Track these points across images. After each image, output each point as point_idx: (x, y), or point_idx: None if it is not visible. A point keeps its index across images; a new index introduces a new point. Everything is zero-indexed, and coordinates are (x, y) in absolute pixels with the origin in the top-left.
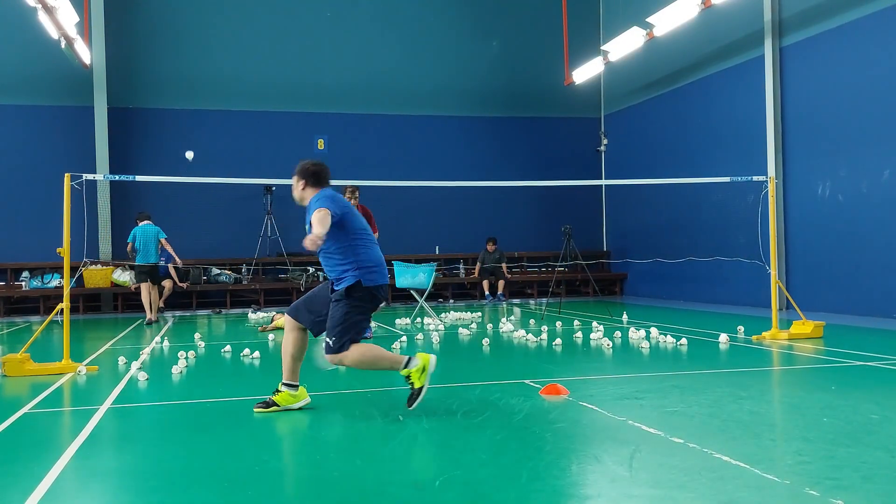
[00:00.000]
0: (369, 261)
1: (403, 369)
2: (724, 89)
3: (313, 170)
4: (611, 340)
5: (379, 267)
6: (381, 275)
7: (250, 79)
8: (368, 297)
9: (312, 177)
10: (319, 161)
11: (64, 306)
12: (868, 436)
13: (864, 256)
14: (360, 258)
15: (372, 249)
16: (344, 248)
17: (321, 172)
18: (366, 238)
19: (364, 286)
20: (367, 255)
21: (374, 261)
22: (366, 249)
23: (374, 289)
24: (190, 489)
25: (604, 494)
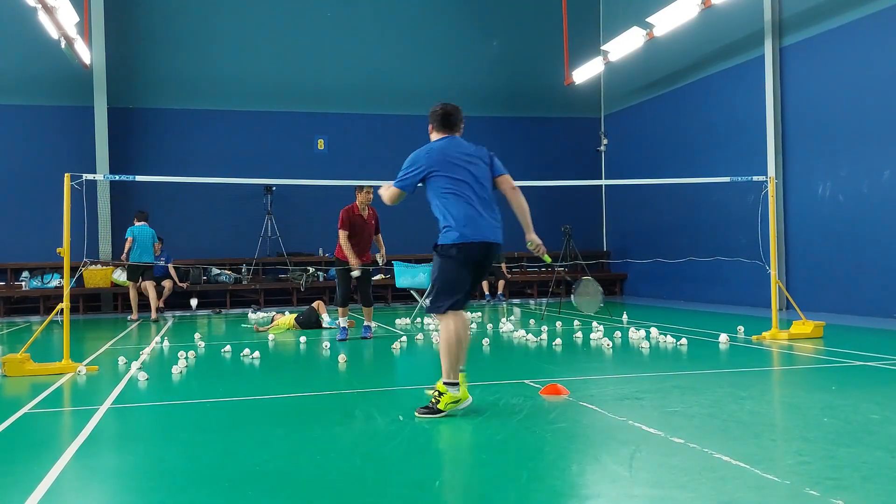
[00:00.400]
0: (455, 217)
1: (446, 381)
2: (725, 89)
3: (439, 111)
4: (611, 340)
5: (464, 222)
6: (471, 231)
7: (250, 79)
8: (455, 254)
9: (438, 119)
10: (450, 104)
11: (64, 306)
12: (868, 436)
13: (864, 256)
14: (448, 214)
15: (464, 204)
16: (434, 205)
17: (445, 115)
18: (455, 193)
19: (441, 243)
20: (454, 210)
21: (458, 216)
22: (455, 205)
23: (458, 246)
24: (190, 489)
25: (604, 494)
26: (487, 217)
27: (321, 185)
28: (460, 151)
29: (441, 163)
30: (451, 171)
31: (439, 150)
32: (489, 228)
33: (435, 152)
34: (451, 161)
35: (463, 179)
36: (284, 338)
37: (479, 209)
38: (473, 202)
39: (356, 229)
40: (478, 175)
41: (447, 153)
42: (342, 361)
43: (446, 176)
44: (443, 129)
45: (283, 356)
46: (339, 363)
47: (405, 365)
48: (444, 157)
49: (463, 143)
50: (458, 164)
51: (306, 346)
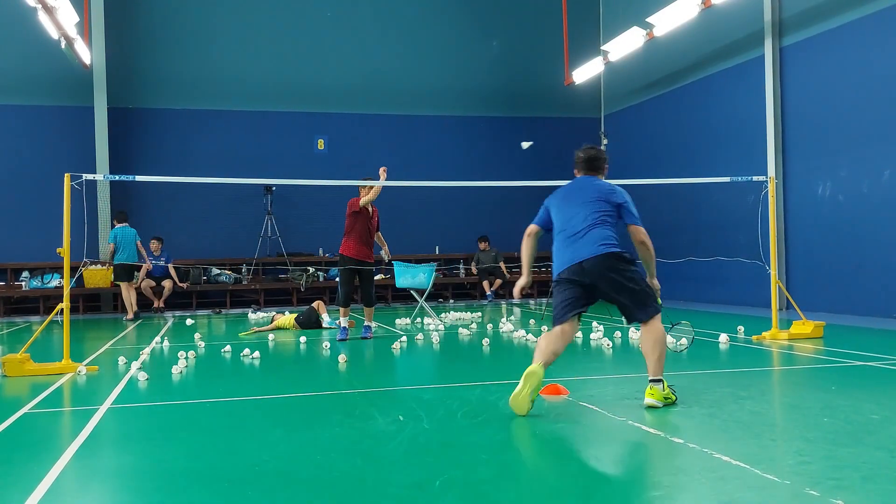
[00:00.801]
0: (554, 254)
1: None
2: (724, 89)
3: (581, 156)
4: (611, 340)
5: (557, 258)
6: (558, 265)
7: (250, 79)
8: (556, 284)
9: (579, 163)
10: (591, 147)
11: (64, 306)
12: (869, 436)
13: (864, 256)
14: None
15: (556, 243)
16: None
17: (579, 158)
18: (558, 233)
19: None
20: (554, 249)
21: (555, 254)
22: (556, 244)
23: (556, 280)
24: (190, 489)
25: (604, 494)
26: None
27: (321, 185)
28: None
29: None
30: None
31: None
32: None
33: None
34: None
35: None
36: (284, 337)
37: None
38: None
39: (360, 220)
40: (573, 211)
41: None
42: (342, 361)
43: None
44: (584, 171)
45: (283, 356)
46: (339, 363)
47: (405, 365)
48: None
49: (586, 181)
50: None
51: (306, 346)
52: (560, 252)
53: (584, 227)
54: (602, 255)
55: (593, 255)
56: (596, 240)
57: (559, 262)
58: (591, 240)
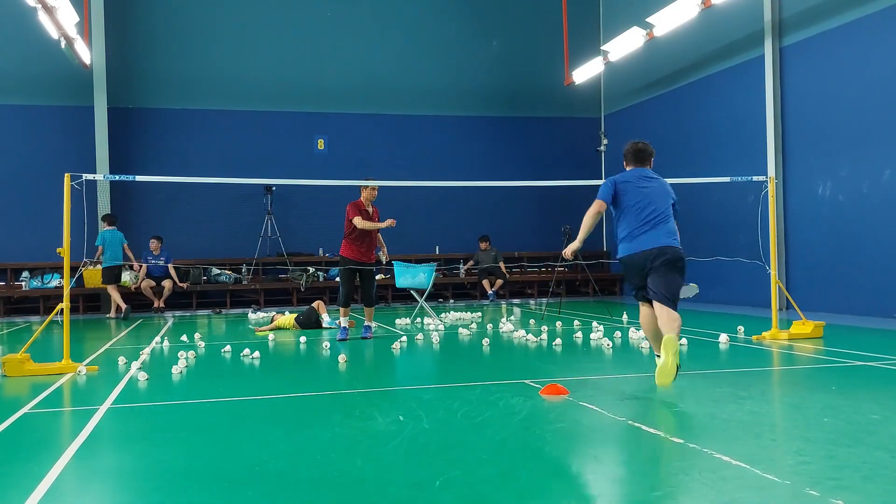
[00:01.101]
0: (621, 232)
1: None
2: (724, 89)
3: (629, 149)
4: (611, 340)
5: (625, 239)
6: (633, 245)
7: (250, 79)
8: (625, 265)
9: (627, 155)
10: (639, 141)
11: (64, 306)
12: (869, 436)
13: (864, 256)
14: (618, 231)
15: (629, 224)
16: (617, 220)
17: (628, 151)
18: (633, 216)
19: (618, 256)
20: (621, 227)
21: (628, 233)
22: (624, 222)
23: (623, 258)
24: (190, 489)
25: (604, 494)
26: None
27: (321, 185)
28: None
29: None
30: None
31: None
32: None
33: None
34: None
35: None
36: (284, 337)
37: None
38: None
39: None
40: (649, 200)
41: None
42: (342, 361)
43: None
44: (631, 163)
45: (283, 356)
46: (339, 363)
47: (405, 365)
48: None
49: (648, 172)
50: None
51: (306, 346)
52: (634, 234)
53: (662, 217)
54: (676, 248)
55: (669, 246)
56: (671, 232)
57: (634, 242)
58: (668, 231)
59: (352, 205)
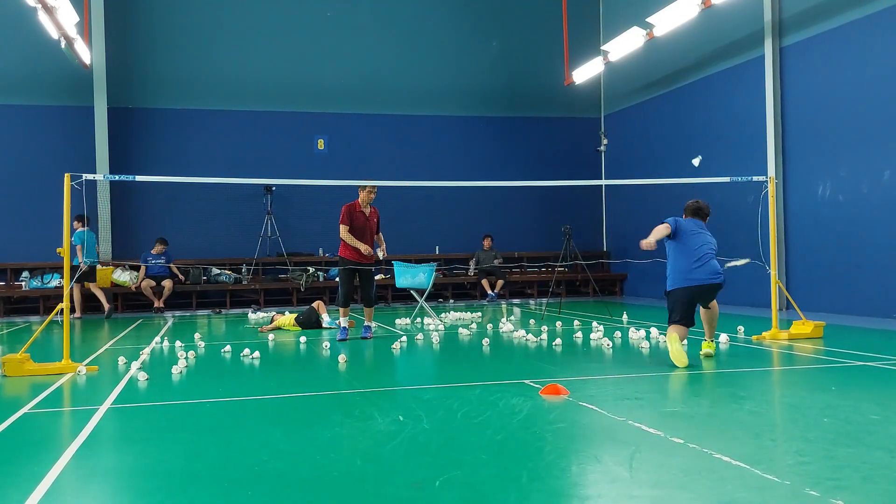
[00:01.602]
0: (678, 266)
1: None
2: (724, 89)
3: (692, 206)
4: (611, 340)
5: (681, 272)
6: (686, 278)
7: (250, 79)
8: (682, 291)
9: (688, 210)
10: (699, 200)
11: (64, 306)
12: (868, 436)
13: (864, 256)
14: (670, 267)
15: (678, 261)
16: (675, 255)
17: (690, 208)
18: (688, 253)
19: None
20: (672, 265)
21: (681, 266)
22: (674, 261)
23: (680, 288)
24: (190, 489)
25: (604, 495)
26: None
27: (321, 185)
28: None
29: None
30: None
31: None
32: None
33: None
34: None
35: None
36: (284, 337)
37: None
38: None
39: (357, 226)
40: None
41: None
42: (342, 361)
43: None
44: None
45: (283, 356)
46: (339, 363)
47: (405, 365)
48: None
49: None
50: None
51: (306, 346)
52: (687, 267)
53: (709, 257)
54: (718, 283)
55: (715, 282)
56: (716, 269)
57: (688, 276)
58: (713, 268)
59: (345, 207)
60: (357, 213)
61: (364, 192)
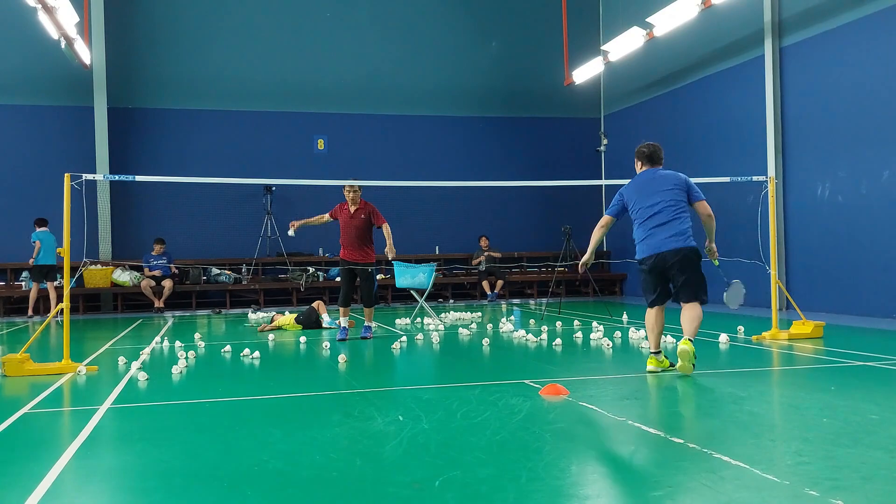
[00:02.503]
0: (638, 241)
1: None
2: (724, 89)
3: (644, 152)
4: (611, 340)
5: (639, 242)
6: (642, 251)
7: (250, 79)
8: (641, 269)
9: (641, 157)
10: (650, 143)
11: (64, 306)
12: (868, 436)
13: (864, 256)
14: (636, 235)
15: (639, 231)
16: (634, 225)
17: (642, 154)
18: (641, 223)
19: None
20: (637, 236)
21: (639, 240)
22: (638, 232)
23: (639, 261)
24: (190, 489)
25: (604, 494)
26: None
27: (321, 185)
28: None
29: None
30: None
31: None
32: (658, 243)
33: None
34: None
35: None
36: (284, 337)
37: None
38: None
39: (341, 224)
40: (652, 201)
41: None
42: (342, 361)
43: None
44: (646, 164)
45: (283, 356)
46: (339, 363)
47: (405, 365)
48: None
49: (653, 172)
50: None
51: (306, 346)
52: (643, 239)
53: (667, 219)
54: (685, 248)
55: (677, 248)
56: (678, 233)
57: (644, 248)
58: (674, 232)
59: (338, 205)
60: (342, 212)
61: (344, 191)
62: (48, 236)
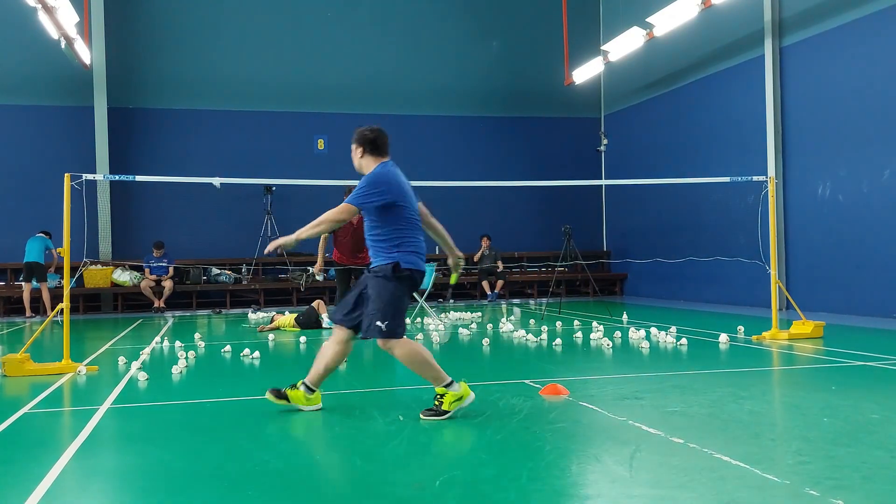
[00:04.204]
0: (411, 245)
1: (441, 387)
2: (724, 89)
3: (370, 136)
4: (611, 340)
5: (413, 247)
6: (417, 257)
7: (250, 79)
8: (408, 280)
9: (370, 144)
10: (377, 127)
11: (64, 306)
12: (868, 436)
13: (864, 256)
14: (403, 241)
15: (409, 230)
16: (391, 230)
17: (378, 139)
18: (412, 221)
19: (403, 268)
20: (410, 239)
21: (409, 242)
22: (412, 233)
23: (412, 272)
24: (190, 489)
25: (604, 494)
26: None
27: (321, 185)
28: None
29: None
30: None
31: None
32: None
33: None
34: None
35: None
36: (284, 337)
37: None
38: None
39: (341, 230)
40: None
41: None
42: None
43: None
44: (376, 155)
45: (283, 356)
46: None
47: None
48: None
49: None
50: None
51: (306, 346)
52: (417, 240)
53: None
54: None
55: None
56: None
57: (418, 251)
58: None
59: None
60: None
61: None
62: (37, 239)
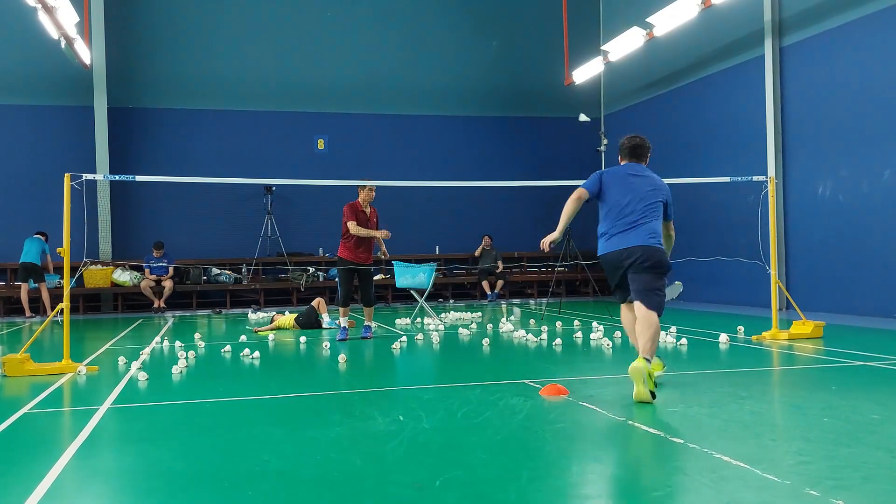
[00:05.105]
0: (601, 229)
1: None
2: (724, 89)
3: (625, 143)
4: (611, 340)
5: (603, 236)
6: (604, 245)
7: (250, 79)
8: (603, 263)
9: (623, 150)
10: (635, 136)
11: (64, 306)
12: (869, 436)
13: (864, 256)
14: (599, 227)
15: (608, 223)
16: (601, 216)
17: (623, 146)
18: (613, 216)
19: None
20: (602, 224)
21: (605, 233)
22: (605, 220)
23: (601, 256)
24: (190, 489)
25: (604, 494)
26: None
27: (321, 185)
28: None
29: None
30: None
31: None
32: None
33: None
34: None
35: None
36: (284, 337)
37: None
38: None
39: (359, 225)
40: (630, 198)
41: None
42: (342, 361)
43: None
44: (625, 159)
45: (283, 356)
46: (339, 363)
47: (405, 365)
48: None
49: (639, 168)
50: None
51: (306, 346)
52: (611, 234)
53: (640, 219)
54: (649, 247)
55: (640, 245)
56: (648, 233)
57: (609, 243)
58: (643, 232)
59: (348, 206)
60: (359, 213)
61: (364, 191)
62: (33, 241)
